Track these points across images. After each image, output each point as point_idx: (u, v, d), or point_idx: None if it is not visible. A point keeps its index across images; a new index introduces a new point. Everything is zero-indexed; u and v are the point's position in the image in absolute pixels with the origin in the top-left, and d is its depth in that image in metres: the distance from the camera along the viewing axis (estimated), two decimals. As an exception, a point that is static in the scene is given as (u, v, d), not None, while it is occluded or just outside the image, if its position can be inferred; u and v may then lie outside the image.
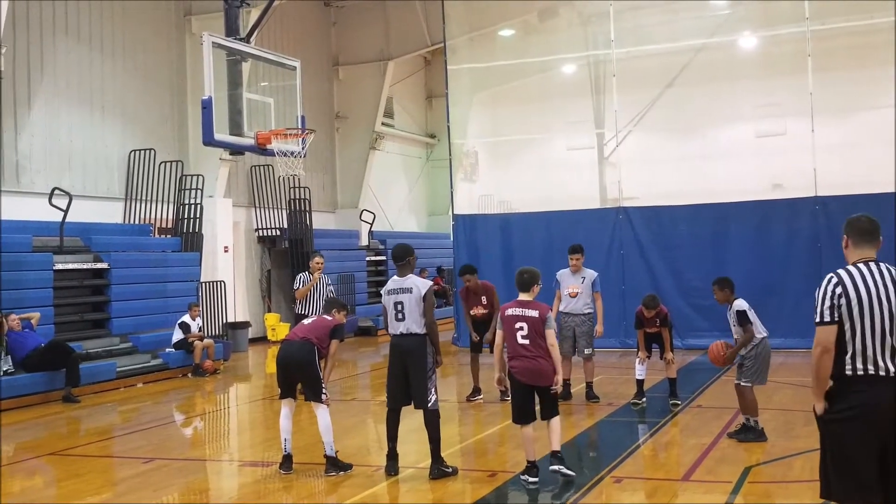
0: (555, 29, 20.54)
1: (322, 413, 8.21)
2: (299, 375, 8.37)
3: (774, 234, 16.81)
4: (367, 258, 24.60)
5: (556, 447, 7.64)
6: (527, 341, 7.51)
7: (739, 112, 18.59)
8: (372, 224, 25.48)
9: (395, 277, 8.19)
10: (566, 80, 20.80)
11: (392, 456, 8.10)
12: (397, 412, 8.13)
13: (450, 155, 19.80)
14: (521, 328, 7.53)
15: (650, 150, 18.79)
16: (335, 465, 8.18)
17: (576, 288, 11.67)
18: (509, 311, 7.67)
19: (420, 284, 8.03)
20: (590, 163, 19.81)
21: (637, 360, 11.19)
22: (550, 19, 20.67)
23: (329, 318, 8.65)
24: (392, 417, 8.12)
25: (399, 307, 7.95)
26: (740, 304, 9.08)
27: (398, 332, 8.00)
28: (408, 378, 7.98)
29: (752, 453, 8.50)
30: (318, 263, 13.20)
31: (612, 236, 17.77)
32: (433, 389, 7.96)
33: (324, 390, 8.26)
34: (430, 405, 7.90)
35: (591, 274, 11.78)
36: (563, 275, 11.89)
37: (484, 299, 11.91)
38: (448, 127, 19.83)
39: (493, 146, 21.43)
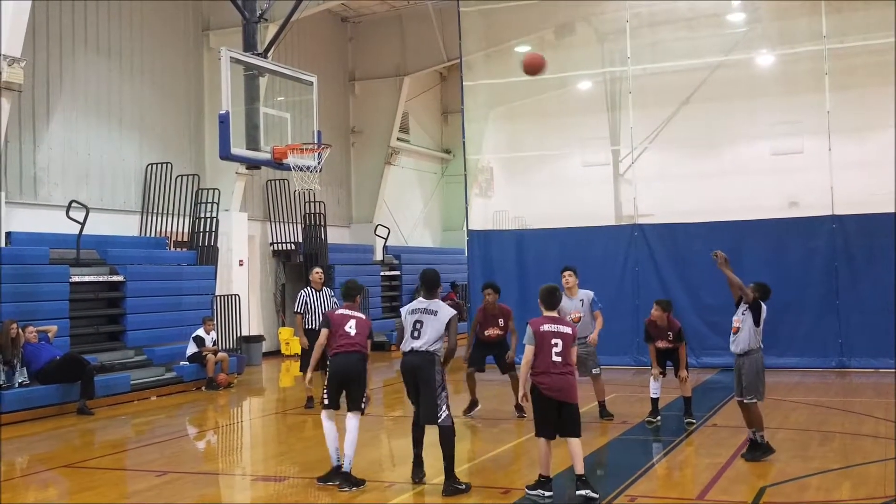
0: (571, 45, 20.57)
1: (354, 425, 8.23)
2: (353, 386, 8.34)
3: (791, 253, 16.71)
4: (382, 273, 24.60)
5: (581, 470, 7.55)
6: (560, 358, 7.58)
7: (756, 129, 18.53)
8: (386, 239, 25.50)
9: (422, 299, 8.29)
10: (582, 97, 20.81)
11: (418, 462, 8.25)
12: (420, 424, 8.28)
13: (465, 170, 19.83)
14: (557, 344, 7.59)
15: (666, 166, 18.75)
16: (349, 480, 8.16)
17: (577, 313, 11.23)
18: (545, 327, 7.68)
19: (446, 310, 8.15)
20: (605, 179, 19.79)
21: (651, 377, 11.11)
22: (567, 36, 20.71)
23: (360, 313, 8.54)
24: (416, 428, 8.30)
25: (418, 325, 8.06)
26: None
27: (409, 349, 8.11)
28: (419, 394, 8.11)
29: (768, 473, 8.43)
30: (317, 274, 13.25)
31: (626, 253, 17.74)
32: (444, 405, 8.01)
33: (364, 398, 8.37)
34: (440, 421, 7.97)
35: (587, 294, 11.38)
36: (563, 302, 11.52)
37: (501, 321, 11.74)
38: (463, 142, 19.88)
39: (509, 162, 21.44)
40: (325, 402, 8.41)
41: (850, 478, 8.24)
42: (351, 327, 8.39)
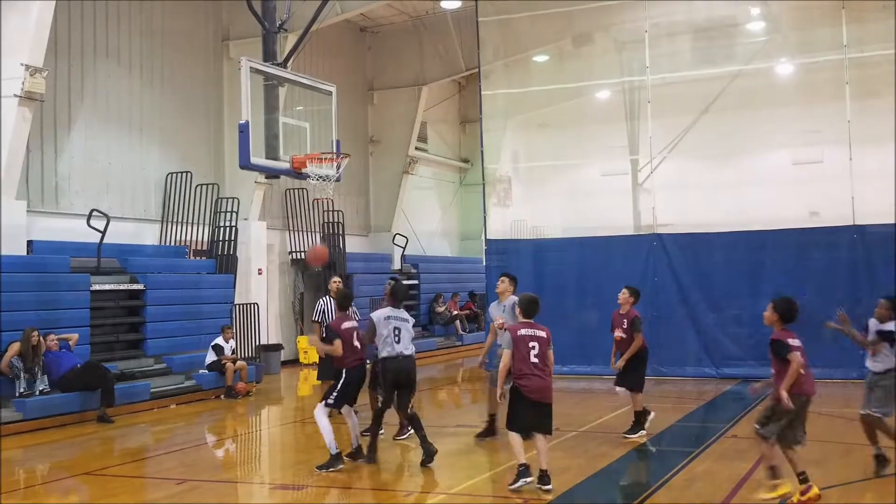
0: (589, 55, 20.55)
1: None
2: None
3: (812, 264, 16.56)
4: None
5: (545, 466, 8.16)
6: (537, 360, 8.18)
7: (776, 139, 18.44)
8: (405, 248, 25.52)
9: (391, 308, 9.61)
10: (600, 106, 20.78)
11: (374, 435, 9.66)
12: (383, 411, 9.83)
13: (483, 180, 19.81)
14: (534, 347, 8.20)
15: (685, 176, 18.68)
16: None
17: (500, 319, 10.54)
18: (522, 332, 8.29)
19: (410, 319, 9.70)
20: (624, 189, 19.73)
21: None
22: (585, 45, 20.69)
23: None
24: (382, 413, 9.81)
25: (396, 332, 9.40)
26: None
27: (397, 354, 9.39)
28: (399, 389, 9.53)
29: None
30: (335, 283, 13.26)
31: (645, 263, 17.63)
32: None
33: None
34: (412, 410, 9.59)
35: (512, 300, 10.36)
36: (492, 307, 11.04)
37: None
38: (481, 152, 19.86)
39: (527, 171, 21.43)
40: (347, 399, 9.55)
41: (871, 490, 8.17)
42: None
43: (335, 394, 9.31)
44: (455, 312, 25.33)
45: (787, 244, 16.79)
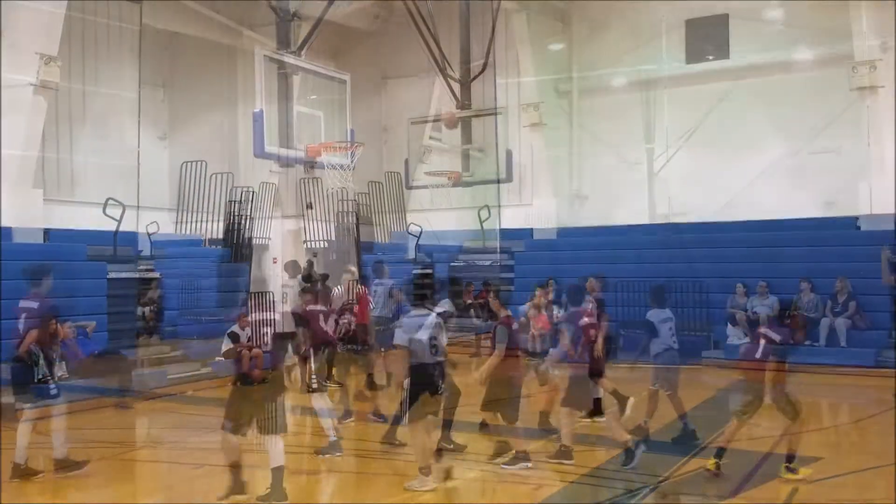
0: (606, 44, 20.50)
1: None
2: None
3: (827, 252, 16.50)
4: (414, 271, 24.58)
5: None
6: None
7: (792, 128, 18.36)
8: (419, 238, 25.50)
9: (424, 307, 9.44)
10: (616, 95, 20.74)
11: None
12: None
13: (497, 169, 19.80)
14: None
15: (701, 166, 18.64)
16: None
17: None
18: (514, 327, 9.08)
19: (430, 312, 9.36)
20: (639, 178, 19.71)
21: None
22: (602, 34, 20.65)
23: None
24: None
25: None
26: None
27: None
28: None
29: (802, 472, 8.34)
30: (350, 273, 13.30)
31: (661, 251, 17.62)
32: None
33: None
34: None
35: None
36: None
37: (355, 308, 11.37)
38: (496, 142, 19.84)
39: (542, 161, 21.40)
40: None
41: (884, 477, 8.16)
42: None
43: (313, 378, 9.85)
44: (469, 302, 25.30)
45: (802, 233, 16.75)
